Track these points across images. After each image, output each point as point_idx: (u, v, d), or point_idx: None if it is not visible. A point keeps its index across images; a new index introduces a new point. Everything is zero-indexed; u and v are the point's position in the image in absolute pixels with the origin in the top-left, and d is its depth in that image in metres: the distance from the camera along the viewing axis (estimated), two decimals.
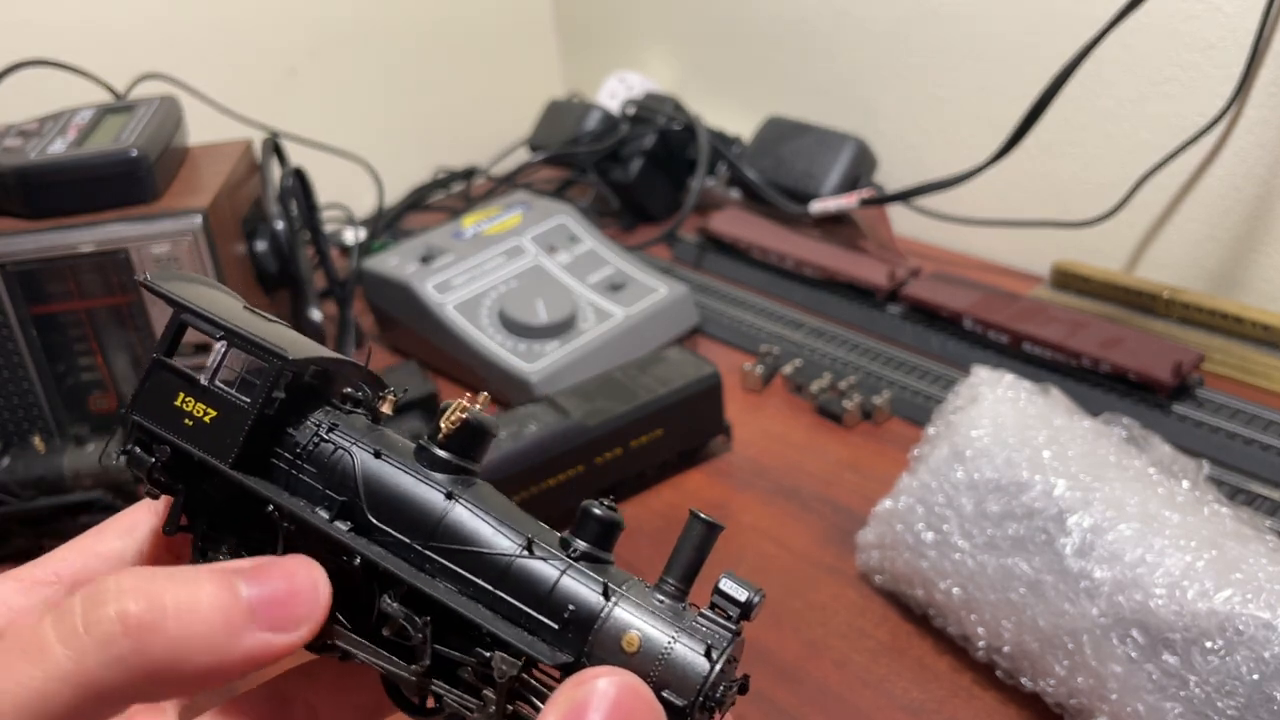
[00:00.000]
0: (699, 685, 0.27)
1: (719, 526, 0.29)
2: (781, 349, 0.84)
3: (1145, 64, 0.81)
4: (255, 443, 0.30)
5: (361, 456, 0.30)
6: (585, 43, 1.32)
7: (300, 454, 0.30)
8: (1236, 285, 0.82)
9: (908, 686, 0.55)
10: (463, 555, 0.29)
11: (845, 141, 1.00)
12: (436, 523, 0.29)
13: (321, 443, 0.30)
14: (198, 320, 0.31)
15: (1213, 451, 0.67)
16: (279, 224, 0.78)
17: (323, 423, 0.31)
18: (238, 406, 0.30)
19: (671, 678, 0.27)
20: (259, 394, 0.29)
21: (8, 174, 0.68)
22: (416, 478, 0.30)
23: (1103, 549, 0.49)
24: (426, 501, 0.29)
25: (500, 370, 0.80)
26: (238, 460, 0.29)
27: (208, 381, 0.30)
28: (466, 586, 0.28)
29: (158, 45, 1.02)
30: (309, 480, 0.30)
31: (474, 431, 0.30)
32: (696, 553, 0.29)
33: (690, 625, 0.28)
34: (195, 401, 0.30)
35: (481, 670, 0.28)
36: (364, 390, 0.32)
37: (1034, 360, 0.78)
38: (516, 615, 0.28)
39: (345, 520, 0.29)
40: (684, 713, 0.27)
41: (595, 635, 0.27)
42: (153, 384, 0.31)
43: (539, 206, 0.95)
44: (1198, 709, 0.44)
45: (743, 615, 0.28)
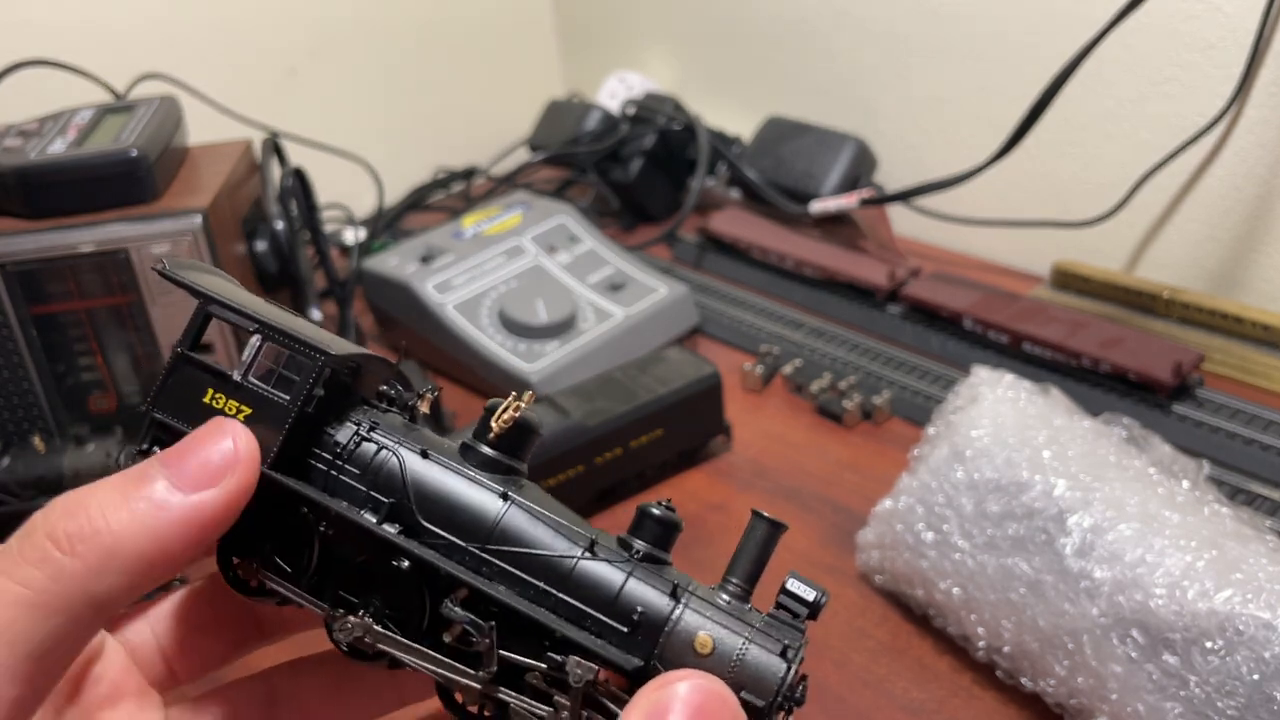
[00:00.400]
0: (777, 685, 0.27)
1: (782, 526, 0.29)
2: (781, 349, 0.84)
3: (1145, 64, 0.81)
4: (294, 443, 0.29)
5: (409, 457, 0.29)
6: (585, 43, 1.32)
7: (341, 454, 0.29)
8: (1236, 285, 0.82)
9: (908, 686, 0.55)
10: (523, 558, 0.28)
11: (845, 141, 1.00)
12: (493, 525, 0.28)
13: (363, 443, 0.29)
14: (227, 312, 0.29)
15: (1213, 451, 0.67)
16: (279, 224, 0.78)
17: (362, 422, 0.29)
18: (276, 404, 0.28)
19: (748, 679, 0.27)
20: (299, 391, 0.28)
21: (8, 174, 0.68)
22: (468, 479, 0.29)
23: (1103, 549, 0.49)
24: (481, 503, 0.28)
25: (500, 370, 0.80)
26: (276, 460, 0.28)
27: (241, 377, 0.29)
28: (528, 590, 0.28)
29: (158, 45, 1.02)
30: (351, 482, 0.29)
31: (523, 430, 0.30)
32: (760, 552, 0.29)
33: (762, 626, 0.28)
34: (227, 398, 0.29)
35: (551, 675, 0.27)
36: (396, 388, 0.31)
37: (1034, 360, 0.78)
38: (582, 618, 0.27)
39: (394, 523, 0.28)
40: (764, 713, 0.26)
41: (666, 638, 0.27)
42: (177, 379, 0.29)
43: (539, 206, 0.95)
44: (1198, 709, 0.44)
45: (810, 615, 0.28)
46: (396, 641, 0.28)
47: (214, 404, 0.29)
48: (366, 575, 0.29)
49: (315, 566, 0.29)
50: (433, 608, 0.28)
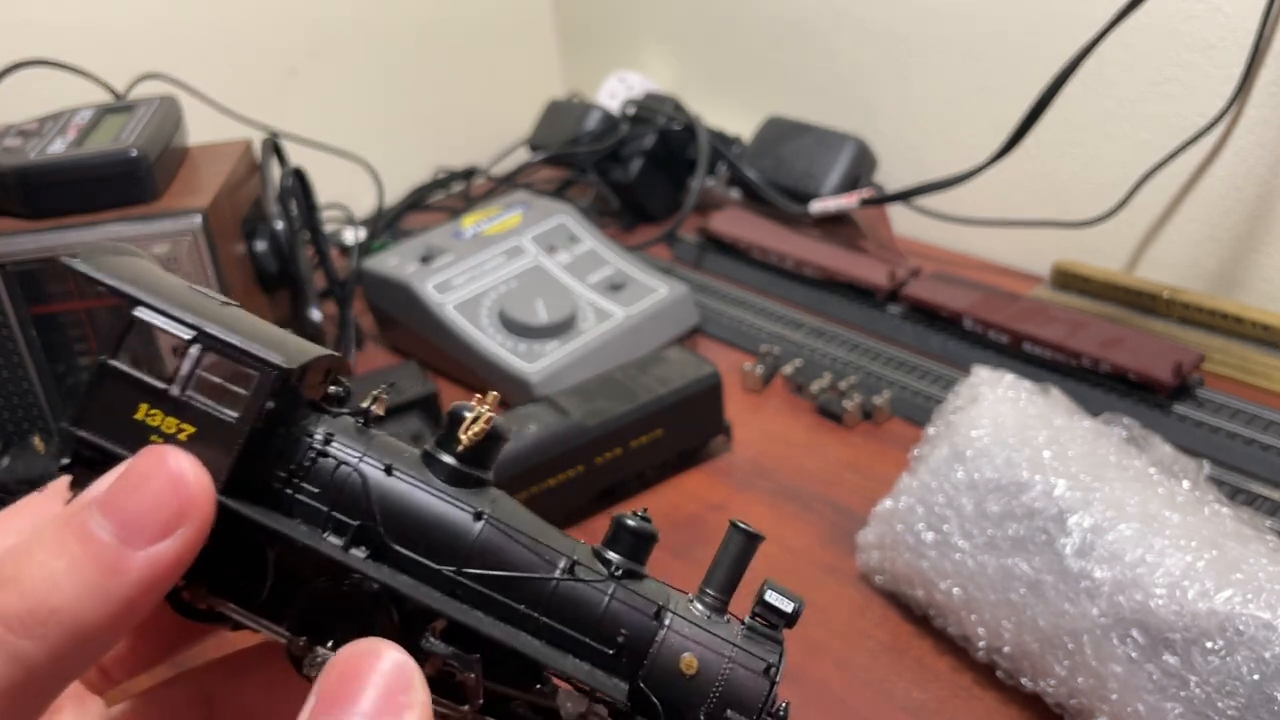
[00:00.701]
0: (760, 703, 0.27)
1: (759, 537, 0.29)
2: (781, 349, 0.84)
3: (1145, 64, 0.81)
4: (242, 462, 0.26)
5: (372, 474, 0.27)
6: (585, 43, 1.32)
7: (296, 471, 0.27)
8: (1237, 285, 0.82)
9: (908, 687, 0.55)
10: (501, 581, 0.27)
11: (845, 141, 1.00)
12: (468, 547, 0.27)
13: (320, 458, 0.27)
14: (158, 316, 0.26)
15: (1213, 451, 0.67)
16: (279, 224, 0.78)
17: (316, 433, 0.27)
18: (223, 423, 0.26)
19: (733, 698, 0.27)
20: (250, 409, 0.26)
21: (7, 174, 0.68)
22: (438, 496, 0.27)
23: (1103, 549, 0.49)
24: (453, 523, 0.27)
25: (500, 370, 0.80)
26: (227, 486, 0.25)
27: (180, 392, 0.26)
28: (507, 613, 0.27)
29: (158, 45, 1.01)
30: (309, 501, 0.27)
31: (493, 440, 0.28)
32: (737, 564, 0.29)
33: (742, 643, 0.28)
34: (165, 416, 0.26)
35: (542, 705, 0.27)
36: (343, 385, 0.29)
37: (1034, 360, 0.78)
38: (565, 642, 0.27)
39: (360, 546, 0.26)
40: None
41: (652, 660, 0.27)
42: (104, 394, 0.26)
43: (539, 206, 0.95)
44: (1198, 709, 0.44)
45: (787, 625, 0.28)
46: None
47: (149, 421, 0.26)
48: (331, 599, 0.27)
49: (271, 588, 0.27)
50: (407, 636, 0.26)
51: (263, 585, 0.27)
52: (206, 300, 0.27)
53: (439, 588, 0.27)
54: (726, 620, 0.28)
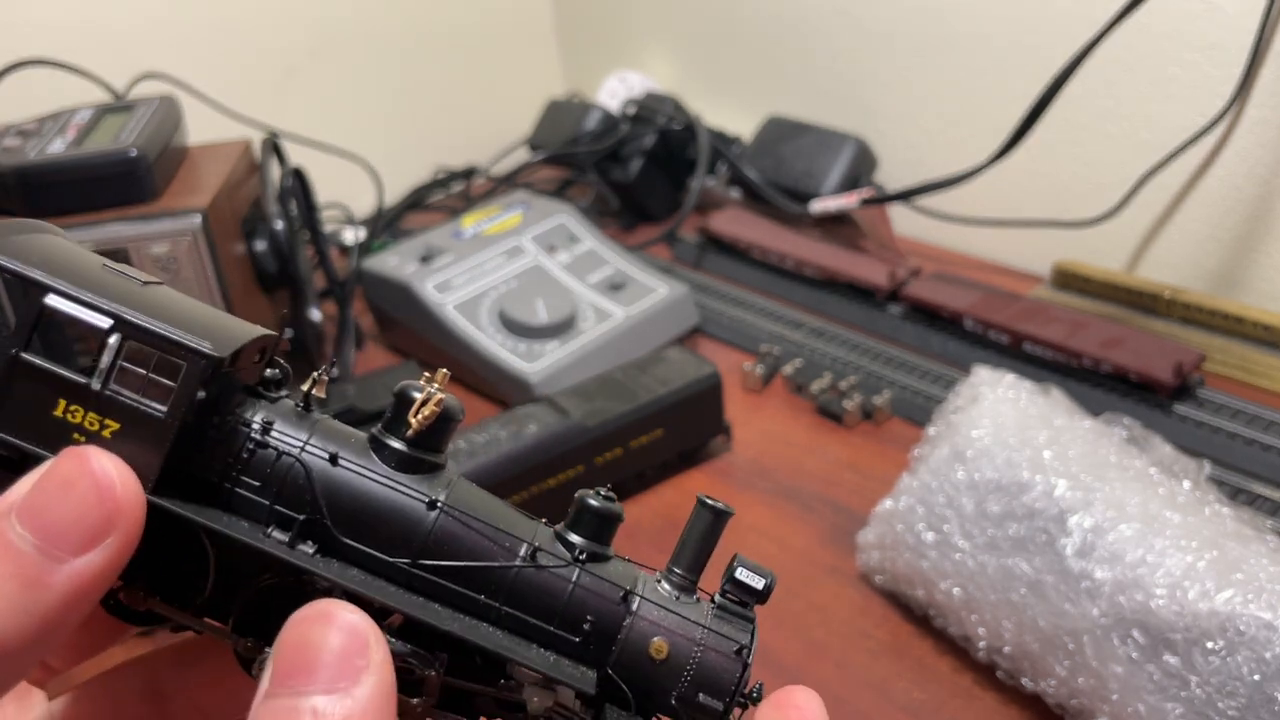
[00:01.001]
0: (733, 686, 0.27)
1: (728, 513, 0.28)
2: (782, 349, 0.84)
3: (1145, 64, 0.81)
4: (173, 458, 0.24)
5: (316, 464, 0.25)
6: (585, 43, 1.32)
7: (234, 464, 0.25)
8: (1237, 285, 0.82)
9: (908, 687, 0.55)
10: (459, 572, 0.25)
11: (845, 141, 1.00)
12: (422, 537, 0.25)
13: (259, 448, 0.25)
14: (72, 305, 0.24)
15: (1214, 452, 0.67)
16: (278, 224, 0.78)
17: (254, 422, 0.25)
18: (150, 417, 0.24)
19: (706, 681, 0.27)
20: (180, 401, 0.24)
21: (7, 174, 0.68)
22: (388, 485, 0.25)
23: (1103, 549, 0.49)
24: (406, 513, 0.25)
25: (500, 370, 0.79)
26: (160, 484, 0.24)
27: (102, 386, 0.24)
28: (468, 605, 0.25)
29: (158, 45, 1.01)
30: (250, 495, 0.25)
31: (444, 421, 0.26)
32: (705, 541, 0.28)
33: (713, 624, 0.27)
34: (86, 412, 0.24)
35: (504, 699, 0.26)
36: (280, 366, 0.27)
37: (1035, 360, 0.78)
38: (529, 631, 0.26)
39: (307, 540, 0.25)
40: (722, 715, 0.27)
41: (620, 646, 0.26)
42: (19, 389, 0.24)
43: (539, 206, 0.95)
44: (1199, 709, 0.44)
45: (759, 601, 0.28)
46: None
47: (70, 419, 0.24)
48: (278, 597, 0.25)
49: (213, 586, 0.26)
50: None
51: (204, 584, 0.26)
52: (126, 281, 0.25)
53: (393, 581, 0.25)
54: (696, 600, 0.28)
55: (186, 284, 0.68)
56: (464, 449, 0.64)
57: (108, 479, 0.22)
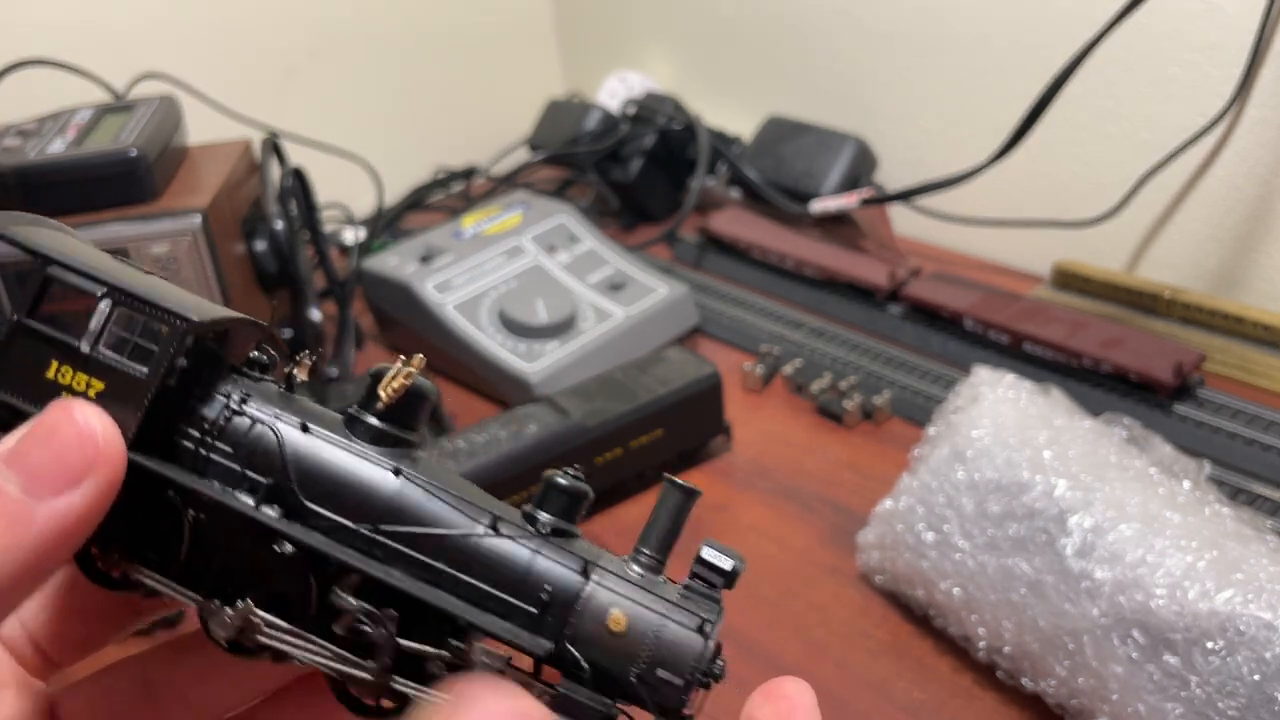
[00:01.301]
0: (695, 662, 0.26)
1: (695, 492, 0.28)
2: (782, 349, 0.84)
3: (1145, 64, 0.81)
4: (154, 420, 0.25)
5: (287, 432, 0.26)
6: (585, 43, 1.32)
7: (210, 431, 0.26)
8: (1237, 285, 0.82)
9: (908, 687, 0.55)
10: (419, 538, 0.26)
11: (845, 141, 1.00)
12: (385, 503, 0.26)
13: (235, 416, 0.26)
14: (71, 274, 0.26)
15: (1214, 452, 0.67)
16: (278, 224, 0.78)
17: (233, 394, 0.27)
18: (132, 378, 0.25)
19: (665, 656, 0.26)
20: (159, 362, 0.25)
21: (7, 174, 0.68)
22: (355, 453, 0.26)
23: (1103, 549, 0.49)
24: (370, 480, 0.26)
25: (500, 370, 0.79)
26: (136, 440, 0.25)
27: (90, 348, 0.26)
28: (426, 572, 0.26)
29: (158, 45, 1.01)
30: (223, 460, 0.26)
31: (415, 398, 0.27)
32: (672, 521, 0.28)
33: (676, 600, 0.26)
34: (75, 372, 0.25)
35: (454, 663, 0.25)
36: (269, 353, 0.29)
37: (1035, 360, 0.78)
38: (486, 600, 0.26)
39: (273, 504, 0.26)
40: (681, 691, 0.26)
41: (578, 617, 0.26)
42: (16, 352, 0.26)
43: (539, 206, 0.95)
44: (1199, 710, 0.44)
45: (726, 584, 0.27)
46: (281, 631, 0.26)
47: (60, 379, 0.25)
48: (245, 562, 0.26)
49: (187, 554, 0.26)
50: (321, 596, 0.26)
51: (179, 550, 0.26)
52: (126, 266, 0.27)
53: (355, 546, 0.26)
54: (663, 580, 0.27)
55: (186, 284, 0.68)
56: (464, 449, 0.64)
57: (89, 426, 0.24)
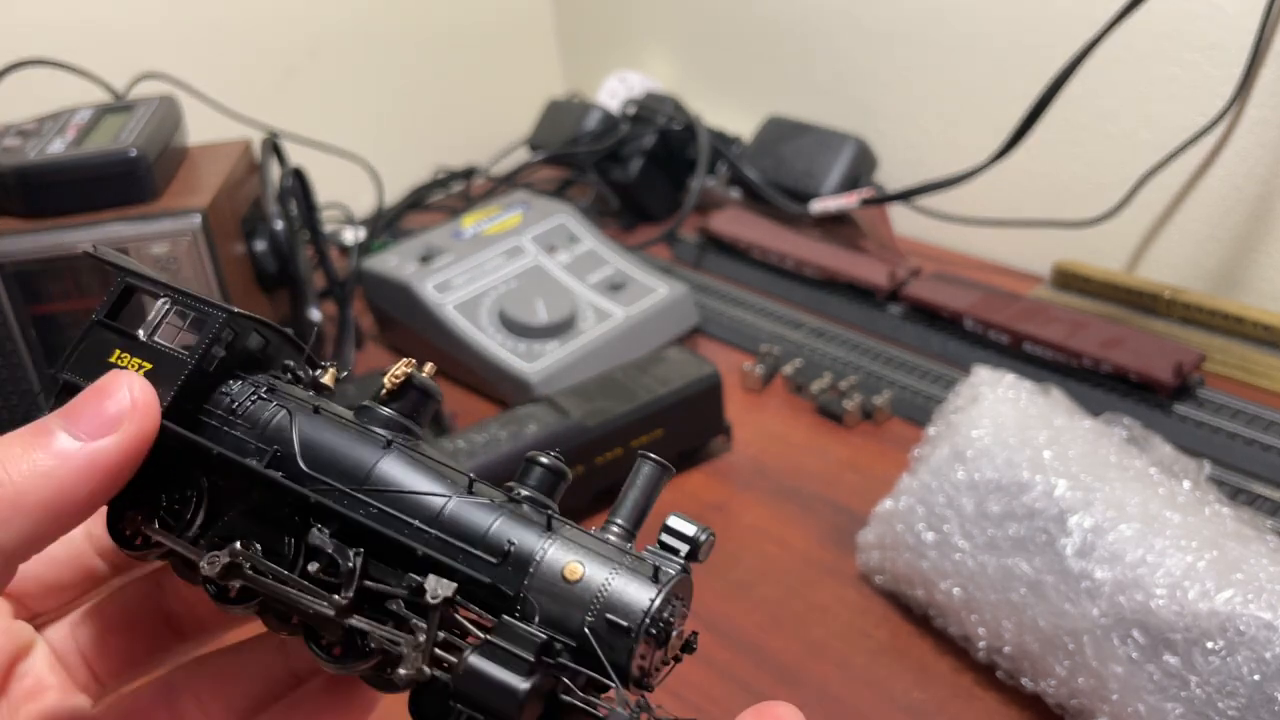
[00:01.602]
0: (645, 608, 0.26)
1: (669, 469, 0.29)
2: (781, 349, 0.84)
3: (1145, 64, 0.81)
4: (189, 396, 0.29)
5: (299, 413, 0.29)
6: (585, 43, 1.32)
7: (234, 410, 0.30)
8: (1237, 285, 0.82)
9: (908, 687, 0.55)
10: (398, 499, 0.28)
11: (845, 141, 1.00)
12: (373, 469, 0.28)
13: (259, 401, 0.30)
14: (142, 282, 0.31)
15: (1214, 452, 0.67)
16: (278, 224, 0.78)
17: (261, 384, 0.30)
18: (174, 359, 0.29)
19: (616, 603, 0.26)
20: (199, 346, 0.29)
21: (7, 174, 0.68)
22: (355, 429, 0.29)
23: (1103, 549, 0.49)
24: (362, 449, 0.29)
25: (500, 370, 0.79)
26: (169, 409, 0.29)
27: (146, 337, 0.30)
28: (401, 528, 0.28)
29: (158, 45, 1.01)
30: (239, 435, 0.29)
31: (418, 392, 0.30)
32: (644, 495, 0.28)
33: (634, 557, 0.27)
34: (131, 356, 0.30)
35: (413, 600, 0.27)
36: (305, 370, 0.32)
37: (1035, 360, 0.78)
38: (453, 553, 0.27)
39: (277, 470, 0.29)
40: (630, 634, 0.26)
41: (536, 568, 0.26)
42: (87, 345, 0.30)
43: (539, 206, 0.95)
44: (1199, 709, 0.44)
45: (691, 553, 0.27)
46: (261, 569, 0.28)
47: (118, 362, 0.30)
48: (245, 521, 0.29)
49: (202, 522, 0.29)
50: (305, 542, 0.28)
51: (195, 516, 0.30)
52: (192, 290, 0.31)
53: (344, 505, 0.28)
54: (630, 547, 0.28)
55: (186, 284, 0.68)
56: (464, 449, 0.64)
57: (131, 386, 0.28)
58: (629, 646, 0.25)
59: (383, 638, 0.27)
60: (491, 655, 0.25)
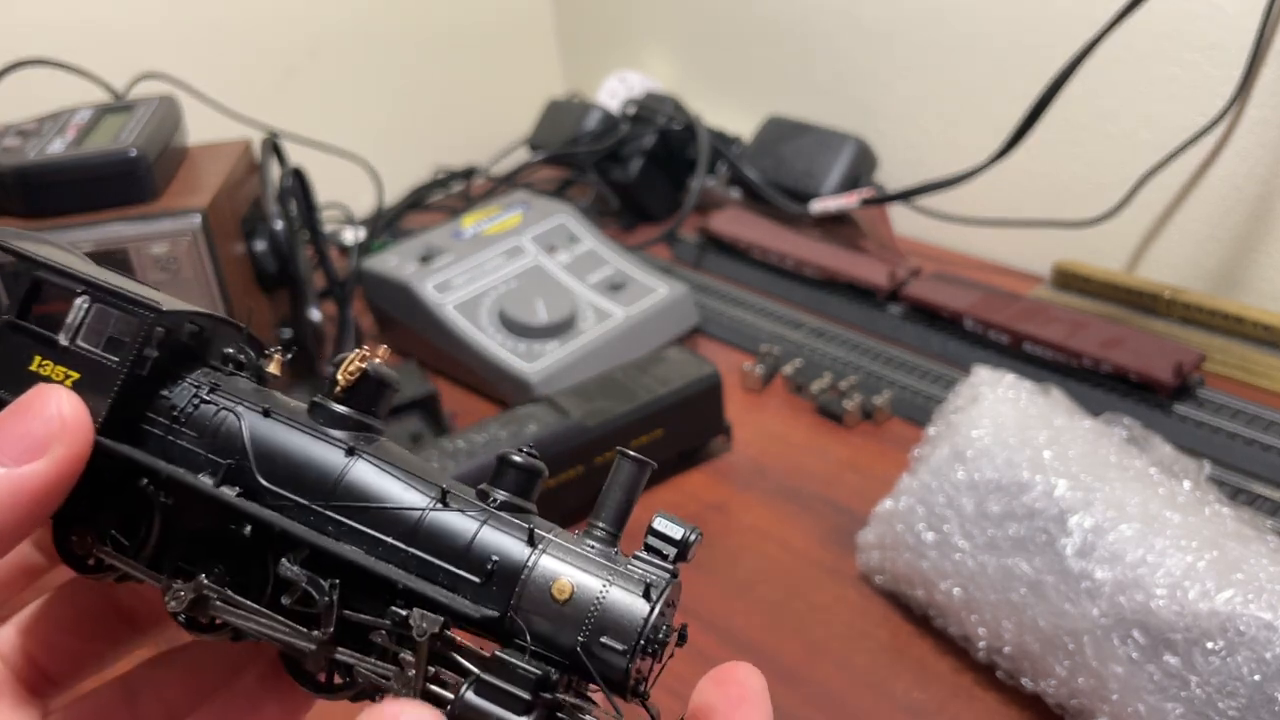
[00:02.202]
0: (639, 628, 0.25)
1: (649, 465, 0.28)
2: (781, 349, 0.84)
3: (1145, 64, 0.81)
4: (126, 407, 0.27)
5: (249, 416, 0.27)
6: (585, 43, 1.32)
7: (177, 417, 0.27)
8: (1237, 285, 0.82)
9: (909, 687, 0.55)
10: (369, 514, 0.26)
11: (845, 141, 1.00)
12: (336, 481, 0.26)
13: (202, 404, 0.27)
14: (54, 276, 0.28)
15: (1214, 452, 0.67)
16: (278, 224, 0.78)
17: (202, 384, 0.28)
18: (105, 367, 0.27)
19: (609, 623, 0.25)
20: (129, 351, 0.27)
21: (7, 174, 0.68)
22: (312, 435, 0.27)
23: (1104, 549, 0.49)
24: (324, 459, 0.27)
25: (500, 370, 0.79)
26: (105, 425, 0.26)
27: (68, 341, 0.27)
28: (375, 547, 0.26)
29: (158, 45, 1.01)
30: (188, 445, 0.27)
31: (374, 384, 0.28)
32: (626, 494, 0.27)
33: (625, 568, 0.26)
34: (54, 365, 0.27)
35: (397, 632, 0.25)
36: (246, 353, 0.30)
37: (1035, 360, 0.78)
38: (434, 573, 0.26)
39: (233, 485, 0.27)
40: (626, 656, 0.25)
41: (523, 586, 0.25)
42: (4, 350, 0.28)
43: (539, 206, 0.95)
44: (1199, 709, 0.44)
45: (679, 555, 0.27)
46: (232, 603, 0.26)
47: (40, 371, 0.27)
48: (206, 543, 0.27)
49: (156, 540, 0.27)
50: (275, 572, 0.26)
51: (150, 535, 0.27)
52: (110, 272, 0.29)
53: (309, 523, 0.26)
54: (616, 552, 0.27)
55: (186, 284, 0.68)
56: (464, 449, 0.64)
57: (58, 403, 0.26)
58: (625, 665, 0.25)
59: (370, 673, 0.26)
60: (488, 694, 0.24)
